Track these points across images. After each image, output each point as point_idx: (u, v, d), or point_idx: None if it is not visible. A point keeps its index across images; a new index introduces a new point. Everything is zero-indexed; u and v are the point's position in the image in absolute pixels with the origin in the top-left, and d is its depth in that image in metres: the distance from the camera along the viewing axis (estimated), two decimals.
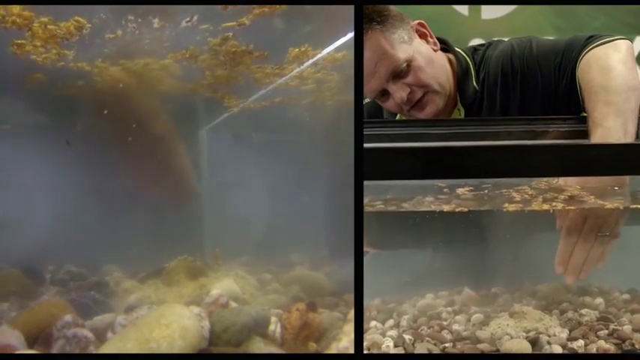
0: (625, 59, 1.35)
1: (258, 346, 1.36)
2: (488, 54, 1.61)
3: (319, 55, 1.87)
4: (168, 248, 2.10)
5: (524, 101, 1.53)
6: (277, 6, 1.45)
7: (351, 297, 1.41)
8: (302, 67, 1.97)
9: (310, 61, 1.91)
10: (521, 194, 1.17)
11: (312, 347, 1.40)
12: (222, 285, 1.75)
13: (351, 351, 1.19)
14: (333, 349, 1.30)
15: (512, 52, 1.54)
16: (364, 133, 1.06)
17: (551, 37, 2.38)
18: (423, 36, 1.60)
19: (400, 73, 1.52)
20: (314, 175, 2.57)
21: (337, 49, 1.83)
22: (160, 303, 1.61)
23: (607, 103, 1.27)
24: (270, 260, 2.32)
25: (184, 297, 1.73)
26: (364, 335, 1.21)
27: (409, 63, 1.52)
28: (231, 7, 1.45)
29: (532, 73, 1.51)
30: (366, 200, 1.14)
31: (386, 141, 1.17)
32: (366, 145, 0.95)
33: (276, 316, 1.50)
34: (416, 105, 1.56)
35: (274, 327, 1.46)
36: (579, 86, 1.40)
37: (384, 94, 1.57)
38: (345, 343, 1.28)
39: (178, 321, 1.29)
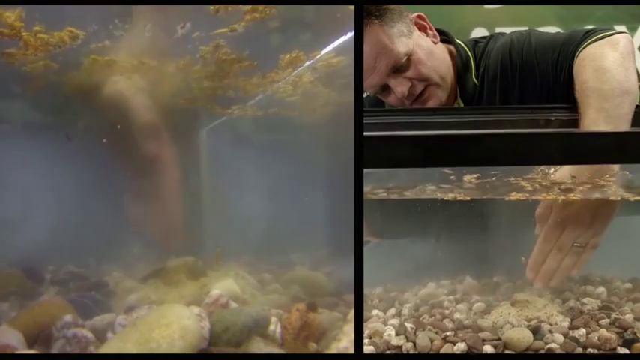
0: (621, 58, 1.35)
1: (258, 346, 1.37)
2: (489, 48, 1.64)
3: (310, 62, 1.88)
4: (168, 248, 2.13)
5: (523, 96, 1.56)
6: (269, 12, 1.46)
7: (351, 297, 1.44)
8: (293, 74, 1.97)
9: (303, 66, 1.91)
10: (531, 183, 1.21)
11: (312, 347, 1.42)
12: (222, 285, 1.76)
13: (351, 351, 1.21)
14: (333, 349, 1.32)
15: (511, 46, 1.57)
16: (364, 122, 1.09)
17: (552, 28, 2.44)
18: (422, 29, 1.63)
19: (400, 67, 1.56)
20: (314, 174, 2.60)
21: (332, 53, 1.84)
22: (160, 303, 1.61)
23: (598, 109, 1.28)
24: (270, 260, 2.32)
25: (184, 297, 1.74)
26: (365, 324, 1.25)
27: (409, 57, 1.56)
28: (222, 13, 1.46)
29: (530, 68, 1.54)
30: (368, 189, 1.18)
31: (386, 130, 1.21)
32: (365, 133, 0.99)
33: (276, 316, 1.52)
34: (418, 99, 1.60)
35: (274, 327, 1.47)
36: (574, 85, 1.40)
37: (385, 88, 1.61)
38: (345, 343, 1.30)
39: (178, 321, 1.31)
